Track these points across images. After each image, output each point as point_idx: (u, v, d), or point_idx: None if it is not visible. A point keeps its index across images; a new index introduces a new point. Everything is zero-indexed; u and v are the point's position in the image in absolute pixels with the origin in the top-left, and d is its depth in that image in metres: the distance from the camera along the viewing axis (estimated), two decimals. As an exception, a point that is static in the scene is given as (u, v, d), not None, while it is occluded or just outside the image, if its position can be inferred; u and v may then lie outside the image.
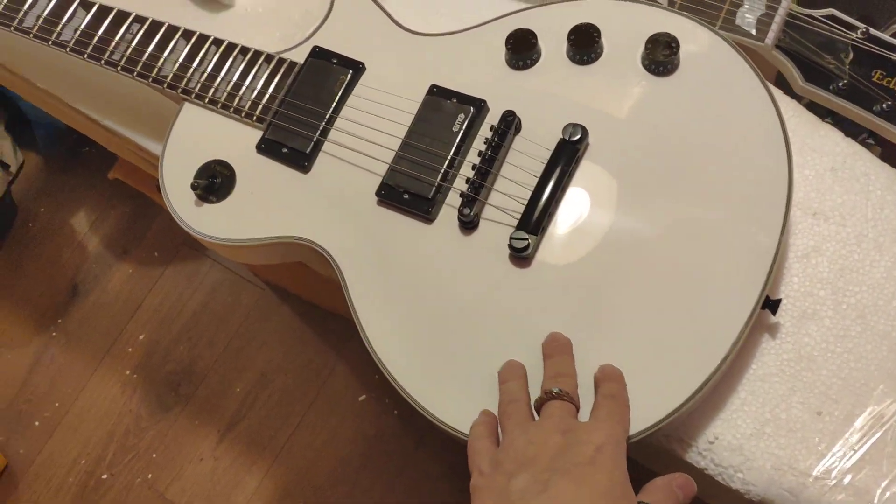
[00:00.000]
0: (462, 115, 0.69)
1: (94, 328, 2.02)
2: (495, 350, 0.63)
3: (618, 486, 0.50)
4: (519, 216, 0.65)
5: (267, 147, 0.74)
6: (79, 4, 0.83)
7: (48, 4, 0.82)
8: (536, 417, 0.57)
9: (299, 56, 0.77)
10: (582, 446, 0.51)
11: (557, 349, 0.59)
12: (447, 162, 0.68)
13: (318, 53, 0.76)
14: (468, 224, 0.66)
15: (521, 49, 0.71)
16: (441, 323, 0.65)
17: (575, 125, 0.66)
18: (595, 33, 0.69)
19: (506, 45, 0.71)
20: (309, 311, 1.86)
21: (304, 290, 1.85)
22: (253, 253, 0.74)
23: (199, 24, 0.81)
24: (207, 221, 0.73)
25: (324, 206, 0.71)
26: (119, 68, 0.80)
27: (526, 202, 0.65)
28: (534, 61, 0.71)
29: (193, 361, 1.90)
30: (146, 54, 0.79)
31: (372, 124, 0.72)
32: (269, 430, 1.80)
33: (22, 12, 0.82)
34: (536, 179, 0.66)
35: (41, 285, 2.11)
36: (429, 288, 0.66)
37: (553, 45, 0.71)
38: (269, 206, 0.72)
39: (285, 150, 0.73)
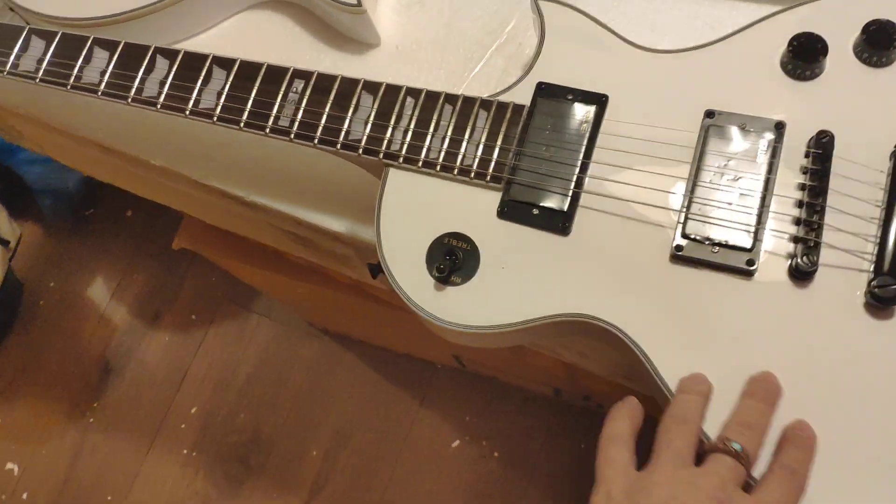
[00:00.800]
0: (762, 143, 0.58)
1: (137, 407, 1.85)
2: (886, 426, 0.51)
3: None
4: (871, 257, 0.54)
5: (511, 210, 0.61)
6: (212, 62, 0.68)
7: (171, 71, 0.68)
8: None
9: (521, 97, 0.64)
10: None
11: (761, 392, 0.51)
12: (761, 200, 0.56)
13: (547, 91, 0.64)
14: (806, 274, 0.54)
15: (808, 55, 0.59)
16: (802, 402, 0.53)
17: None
18: (891, 29, 0.58)
19: (789, 51, 0.59)
20: (378, 355, 1.73)
21: (369, 333, 1.71)
22: (510, 338, 0.61)
23: (347, 71, 0.68)
24: (456, 308, 0.60)
25: (598, 272, 0.58)
26: (293, 136, 0.66)
27: (877, 239, 0.54)
28: (821, 68, 0.59)
29: (258, 428, 1.75)
30: (324, 116, 0.65)
31: (638, 166, 0.60)
32: (358, 492, 1.66)
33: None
34: (880, 209, 0.54)
35: (67, 368, 1.92)
36: (765, 357, 0.54)
37: (839, 45, 0.60)
38: (528, 281, 0.60)
39: (536, 211, 0.60)
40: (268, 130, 0.67)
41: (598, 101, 0.62)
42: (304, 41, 0.80)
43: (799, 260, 0.54)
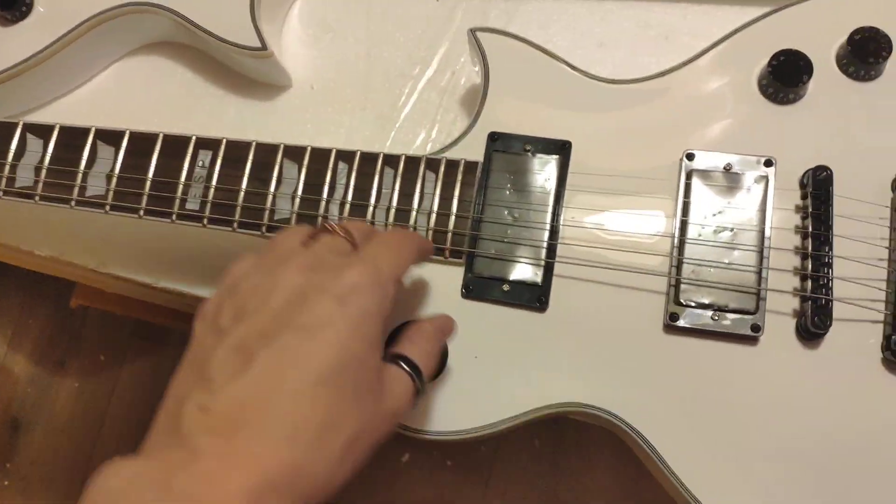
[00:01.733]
0: (752, 185, 0.51)
1: (55, 462, 1.70)
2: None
3: (356, 350, 0.36)
4: (885, 306, 0.48)
5: (477, 288, 0.53)
6: (96, 137, 0.57)
7: (45, 153, 0.58)
8: None
9: (472, 151, 0.55)
10: (323, 292, 0.37)
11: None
12: (758, 255, 0.49)
13: (501, 142, 0.55)
14: (819, 334, 0.48)
15: (792, 77, 0.52)
16: (830, 475, 0.47)
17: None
18: (879, 37, 0.52)
19: (769, 72, 0.52)
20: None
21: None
22: (493, 432, 0.53)
23: (256, 121, 0.58)
24: (426, 412, 0.51)
25: (585, 351, 0.51)
26: (205, 222, 0.55)
27: (893, 286, 0.48)
28: (805, 89, 0.53)
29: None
30: (241, 193, 0.55)
31: (614, 224, 0.53)
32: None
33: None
34: (889, 251, 0.49)
35: (-33, 432, 1.75)
36: (778, 427, 0.48)
37: (821, 60, 0.53)
38: (506, 370, 0.52)
39: (506, 286, 0.52)
40: (174, 217, 0.56)
41: (560, 149, 0.54)
42: (201, 88, 0.69)
43: (810, 320, 0.48)
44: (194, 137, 0.57)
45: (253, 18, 0.63)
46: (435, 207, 0.54)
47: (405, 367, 0.42)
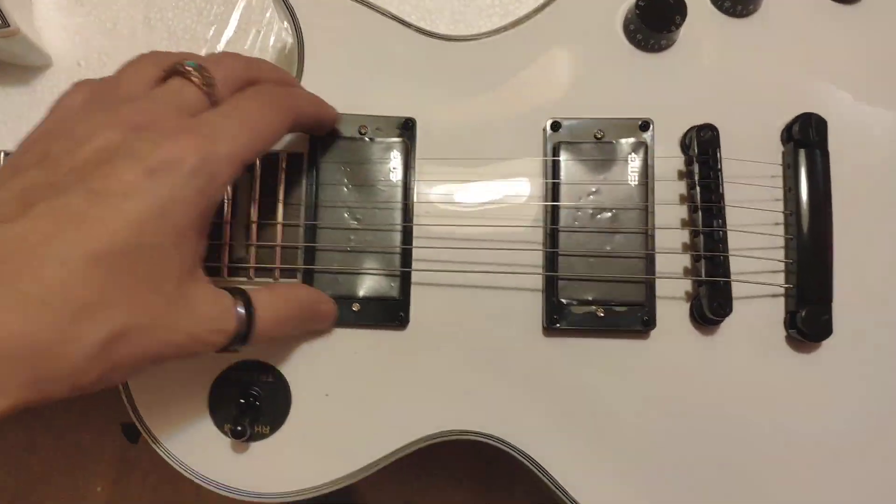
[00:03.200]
0: (632, 155, 0.43)
1: None
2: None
3: (151, 236, 0.30)
4: (785, 278, 0.43)
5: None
6: None
7: None
8: None
9: (289, 140, 0.44)
10: (135, 158, 0.31)
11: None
12: (645, 237, 0.42)
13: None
14: (717, 320, 0.42)
15: (664, 17, 0.45)
16: (736, 470, 0.42)
17: (806, 115, 0.43)
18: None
19: (637, 15, 0.44)
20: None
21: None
22: (350, 482, 0.45)
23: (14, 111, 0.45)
24: (274, 470, 0.42)
25: (459, 367, 0.43)
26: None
27: (793, 255, 0.43)
28: (677, 32, 0.45)
29: (22, 481, 1.46)
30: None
31: (475, 217, 0.44)
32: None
33: None
34: (784, 215, 0.43)
35: None
36: (679, 424, 0.43)
37: (689, -4, 0.46)
38: (367, 404, 0.43)
39: (356, 305, 0.43)
40: None
41: (403, 128, 0.44)
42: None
43: (708, 306, 0.41)
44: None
45: (-18, -17, 0.48)
46: (254, 216, 0.43)
47: (239, 309, 0.35)
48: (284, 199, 0.43)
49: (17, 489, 1.45)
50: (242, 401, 0.42)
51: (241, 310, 0.35)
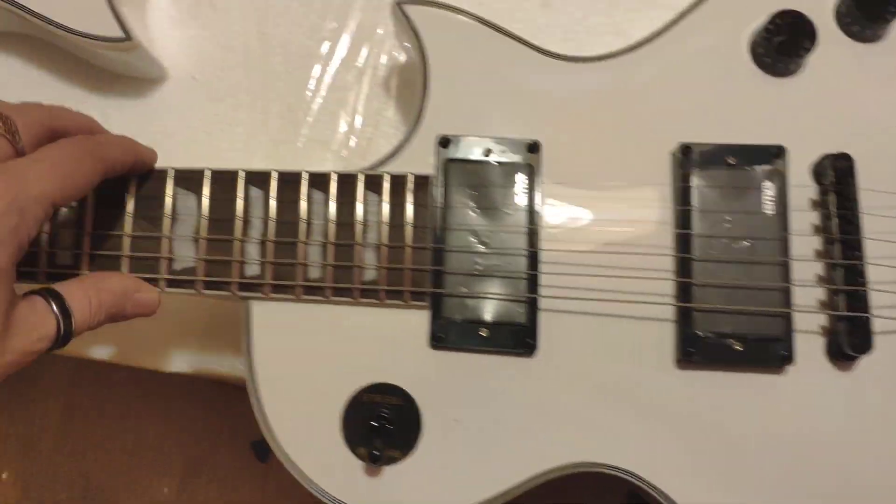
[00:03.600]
0: (766, 182, 0.42)
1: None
2: None
3: None
4: (924, 314, 0.41)
5: (450, 336, 0.43)
6: None
7: None
8: None
9: (418, 162, 0.44)
10: None
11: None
12: (782, 268, 0.42)
13: (454, 147, 0.44)
14: (855, 356, 0.41)
15: (795, 43, 0.44)
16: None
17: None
18: (885, -11, 0.44)
19: (765, 39, 0.44)
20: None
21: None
22: None
23: (130, 124, 0.45)
24: (405, 496, 0.42)
25: (586, 397, 0.43)
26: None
27: (931, 291, 0.41)
28: (805, 54, 0.44)
29: (89, 477, 1.49)
30: (125, 240, 0.42)
31: (604, 240, 0.43)
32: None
33: None
34: (924, 250, 0.42)
35: None
36: (821, 467, 0.42)
37: (822, 20, 0.45)
38: (494, 432, 0.43)
39: (484, 331, 0.43)
40: (42, 277, 0.43)
41: (528, 150, 0.44)
42: (52, 88, 0.54)
43: (847, 342, 0.40)
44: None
45: (108, 1, 0.48)
46: (384, 239, 0.43)
47: (54, 308, 0.36)
48: (413, 221, 0.43)
49: (87, 487, 1.48)
50: (375, 424, 0.42)
51: (55, 307, 0.36)
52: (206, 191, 0.43)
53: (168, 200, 0.43)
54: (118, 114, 0.53)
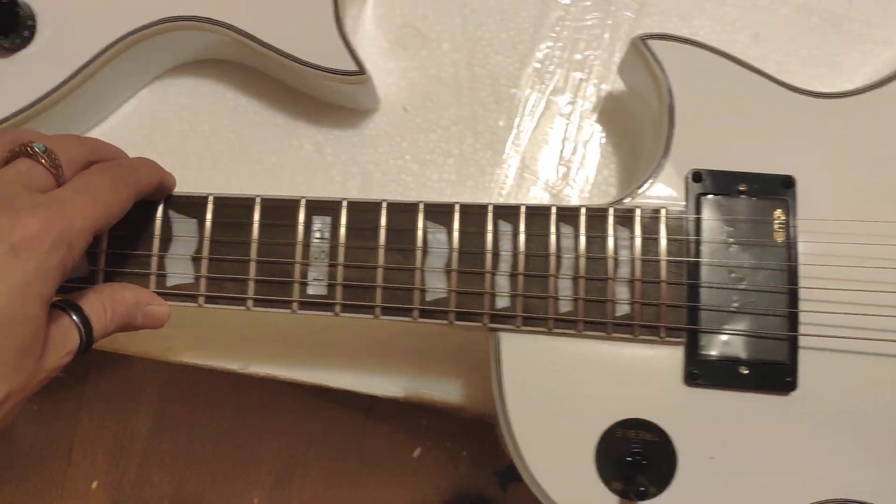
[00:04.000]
0: None
1: (23, 496, 1.54)
2: None
3: (24, 309, 0.33)
4: None
5: (706, 373, 0.42)
6: (167, 209, 0.44)
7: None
8: None
9: (662, 194, 0.44)
10: None
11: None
12: None
13: (709, 182, 0.44)
14: None
15: None
16: None
17: None
18: None
19: None
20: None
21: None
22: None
23: (342, 157, 0.46)
24: (662, 533, 0.41)
25: (843, 434, 0.42)
26: (337, 311, 0.43)
27: None
28: None
29: (180, 487, 1.50)
30: (378, 272, 0.43)
31: (869, 281, 0.42)
32: (322, 530, 1.46)
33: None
34: None
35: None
36: None
37: None
38: (750, 468, 0.42)
39: (744, 369, 0.42)
40: (295, 307, 0.43)
41: (783, 187, 0.43)
42: (262, 117, 0.55)
43: None
44: (304, 200, 0.44)
45: (341, 33, 0.49)
46: (638, 273, 0.42)
47: (76, 320, 0.37)
48: (667, 255, 0.43)
49: (175, 496, 1.49)
50: (629, 459, 0.41)
51: (77, 319, 0.37)
52: (455, 224, 0.44)
53: (419, 233, 0.44)
54: (332, 143, 0.54)
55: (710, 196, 0.44)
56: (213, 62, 0.55)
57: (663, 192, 0.44)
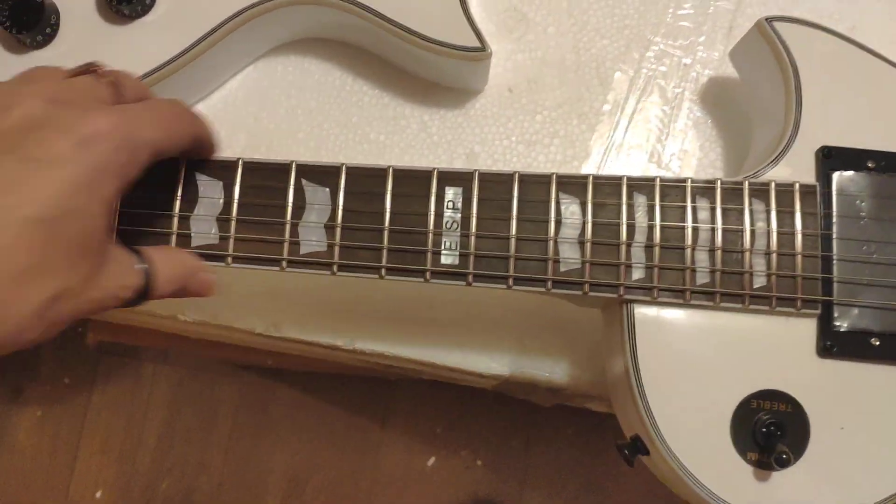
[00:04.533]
0: None
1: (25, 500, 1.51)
2: None
3: (84, 202, 0.32)
4: None
5: (840, 345, 0.43)
6: (298, 174, 0.44)
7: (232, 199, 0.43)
8: None
9: (793, 171, 0.45)
10: (63, 129, 0.32)
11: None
12: None
13: (839, 159, 0.45)
14: None
15: None
16: None
17: None
18: None
19: None
20: (312, 382, 1.49)
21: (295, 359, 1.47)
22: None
23: (450, 137, 0.46)
24: (794, 500, 0.42)
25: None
26: (471, 279, 0.43)
27: None
28: None
29: (190, 495, 1.48)
30: (511, 242, 0.43)
31: None
32: (333, 538, 1.45)
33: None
34: None
35: (-84, 478, 1.52)
36: None
37: None
38: (880, 439, 0.43)
39: (875, 340, 0.43)
40: (428, 276, 0.43)
41: (911, 164, 0.44)
42: (369, 97, 0.55)
43: None
44: (436, 171, 0.44)
45: (464, 8, 0.49)
46: (773, 246, 0.43)
47: (139, 265, 0.37)
48: (802, 229, 0.43)
49: (185, 504, 1.46)
50: (764, 430, 0.42)
51: (140, 267, 0.37)
52: (589, 195, 0.44)
53: (552, 204, 0.44)
54: (438, 123, 0.54)
55: (840, 172, 0.45)
56: (318, 41, 0.56)
57: (794, 167, 0.45)
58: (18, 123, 0.32)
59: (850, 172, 0.44)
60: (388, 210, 0.44)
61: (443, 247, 0.44)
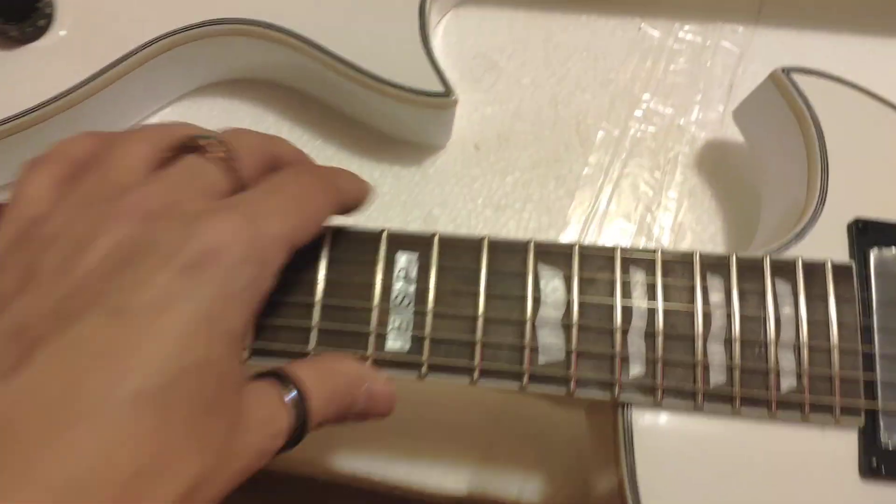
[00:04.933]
0: None
1: None
2: None
3: (203, 353, 0.23)
4: None
5: (890, 464, 0.34)
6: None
7: None
8: None
9: (817, 248, 0.37)
10: (164, 256, 0.23)
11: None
12: None
13: (873, 234, 0.37)
14: None
15: None
16: None
17: None
18: None
19: None
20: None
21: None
22: None
23: (410, 203, 0.39)
24: None
25: None
26: (424, 372, 0.34)
27: None
28: None
29: None
30: (478, 322, 0.34)
31: None
32: None
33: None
34: None
35: None
36: None
37: None
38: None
39: (931, 459, 0.34)
40: (369, 364, 0.34)
41: (959, 243, 0.36)
42: (309, 146, 0.47)
43: None
44: (385, 231, 0.35)
45: (427, 50, 0.41)
46: (804, 338, 0.34)
47: (286, 394, 0.27)
48: (838, 318, 0.35)
49: None
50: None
51: (289, 398, 0.27)
52: (575, 268, 0.35)
53: (530, 278, 0.35)
54: (392, 181, 0.46)
55: (878, 248, 0.36)
56: (252, 82, 0.47)
57: (822, 244, 0.37)
58: (102, 261, 0.23)
59: (892, 249, 0.36)
60: (320, 279, 0.34)
61: (389, 327, 0.34)
